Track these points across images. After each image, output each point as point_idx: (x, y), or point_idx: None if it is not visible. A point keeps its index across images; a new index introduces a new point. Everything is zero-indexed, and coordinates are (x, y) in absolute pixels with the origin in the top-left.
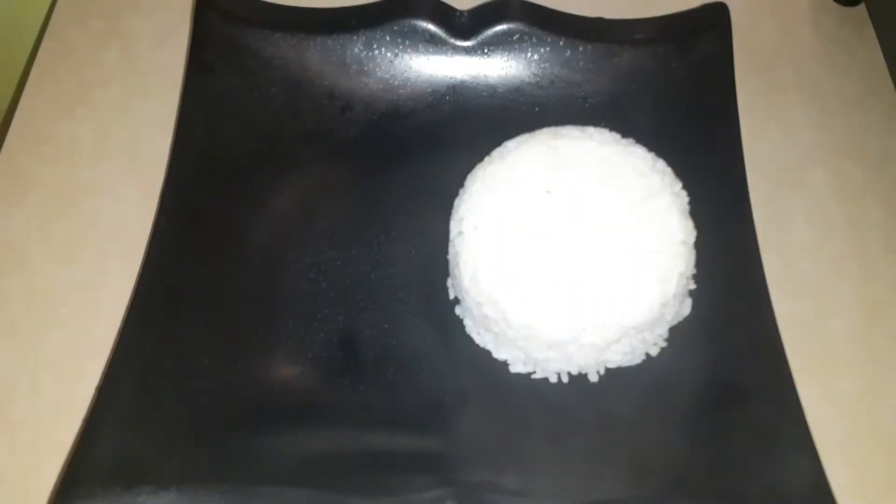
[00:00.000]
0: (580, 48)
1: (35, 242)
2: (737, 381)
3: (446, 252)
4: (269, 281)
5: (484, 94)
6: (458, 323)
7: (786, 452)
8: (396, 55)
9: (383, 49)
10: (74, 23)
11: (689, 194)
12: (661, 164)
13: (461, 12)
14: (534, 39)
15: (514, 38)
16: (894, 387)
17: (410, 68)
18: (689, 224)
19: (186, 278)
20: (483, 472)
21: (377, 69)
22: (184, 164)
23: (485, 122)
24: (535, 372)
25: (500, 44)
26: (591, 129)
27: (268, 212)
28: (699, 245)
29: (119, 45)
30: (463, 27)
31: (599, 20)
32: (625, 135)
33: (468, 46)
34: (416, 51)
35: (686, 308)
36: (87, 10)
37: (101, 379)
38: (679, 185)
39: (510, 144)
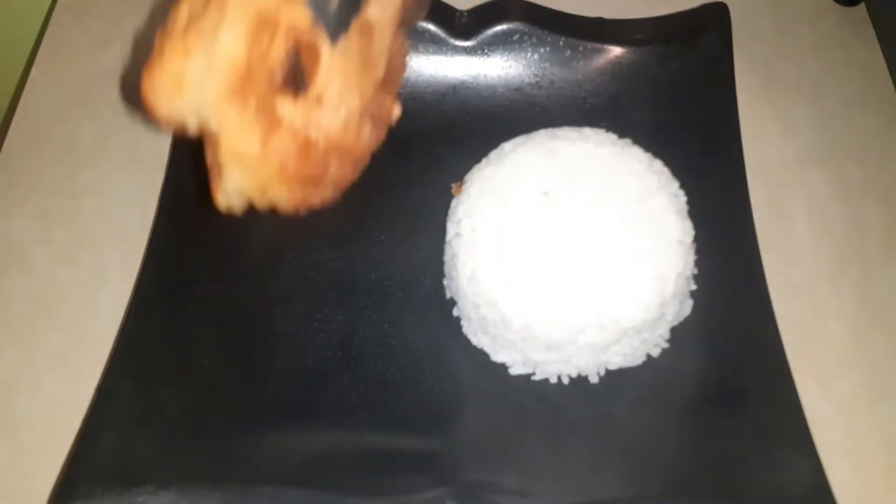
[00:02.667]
0: (580, 48)
1: (35, 242)
2: (737, 382)
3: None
4: (270, 281)
5: (484, 93)
6: (459, 323)
7: (786, 452)
8: None
9: None
10: (74, 23)
11: (689, 195)
12: (657, 164)
13: (461, 12)
14: (534, 39)
15: (514, 38)
16: (894, 387)
17: (410, 68)
18: (687, 224)
19: (186, 278)
20: (483, 472)
21: None
22: (184, 165)
23: (485, 122)
24: (534, 374)
25: (500, 44)
26: (587, 131)
27: (267, 211)
28: (699, 246)
29: (119, 46)
30: (463, 27)
31: (599, 20)
32: (625, 135)
33: (468, 46)
34: (416, 51)
35: (686, 308)
36: (87, 9)
37: (100, 379)
38: (676, 184)
39: (507, 146)
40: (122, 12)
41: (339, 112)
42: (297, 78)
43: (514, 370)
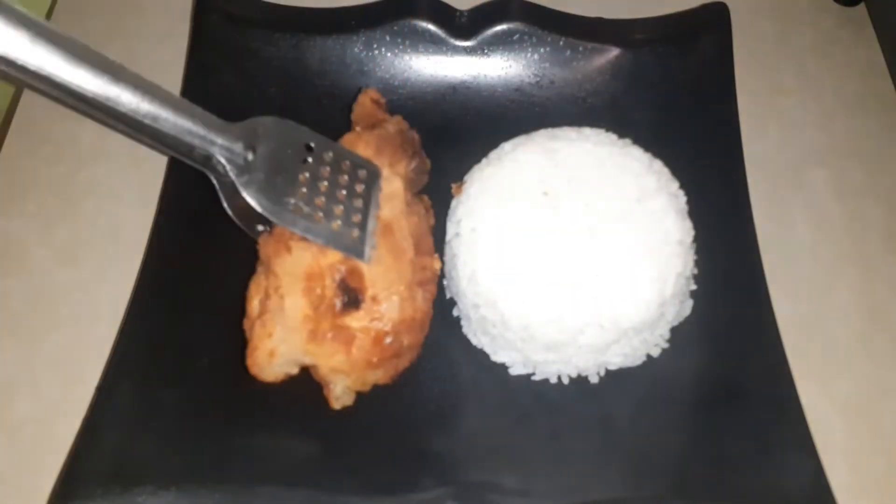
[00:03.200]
0: (580, 48)
1: (35, 243)
2: (737, 382)
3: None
4: None
5: (484, 93)
6: (459, 323)
7: (786, 452)
8: (396, 55)
9: (383, 49)
10: (74, 22)
11: (689, 195)
12: (657, 164)
13: (461, 12)
14: (534, 39)
15: (514, 37)
16: (894, 386)
17: (410, 68)
18: (687, 224)
19: (186, 278)
20: (483, 472)
21: (377, 69)
22: (184, 165)
23: (484, 122)
24: (534, 374)
25: (500, 44)
26: (587, 131)
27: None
28: (700, 246)
29: (119, 46)
30: (463, 27)
31: (599, 20)
32: (625, 135)
33: (468, 46)
34: (416, 51)
35: (686, 309)
36: (87, 9)
37: (100, 379)
38: (676, 184)
39: (507, 146)
40: (122, 12)
41: (392, 300)
42: (351, 297)
43: (514, 370)
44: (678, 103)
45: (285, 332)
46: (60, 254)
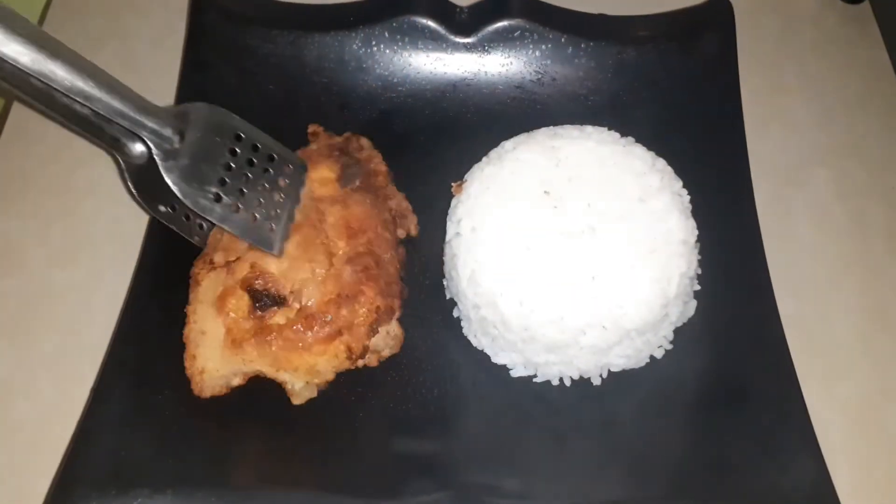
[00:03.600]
0: (582, 45)
1: (31, 243)
2: (741, 383)
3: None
4: None
5: (484, 91)
6: (459, 324)
7: (790, 453)
8: (395, 52)
9: (382, 46)
10: (71, 21)
11: (693, 194)
12: (660, 163)
13: (461, 8)
14: (535, 36)
15: (515, 34)
16: None
17: (409, 65)
18: (691, 223)
19: (183, 279)
20: (484, 476)
21: (376, 66)
22: None
23: (485, 120)
24: (535, 376)
25: (500, 40)
26: (589, 129)
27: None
28: (703, 246)
29: (116, 44)
30: (463, 24)
31: (601, 17)
32: (627, 133)
33: (468, 43)
34: (416, 48)
35: (690, 309)
36: (84, 8)
37: (96, 380)
38: (679, 184)
39: (508, 145)
40: (118, 11)
41: (317, 285)
42: (263, 299)
43: (516, 372)
44: (681, 101)
45: (209, 350)
46: (57, 254)
